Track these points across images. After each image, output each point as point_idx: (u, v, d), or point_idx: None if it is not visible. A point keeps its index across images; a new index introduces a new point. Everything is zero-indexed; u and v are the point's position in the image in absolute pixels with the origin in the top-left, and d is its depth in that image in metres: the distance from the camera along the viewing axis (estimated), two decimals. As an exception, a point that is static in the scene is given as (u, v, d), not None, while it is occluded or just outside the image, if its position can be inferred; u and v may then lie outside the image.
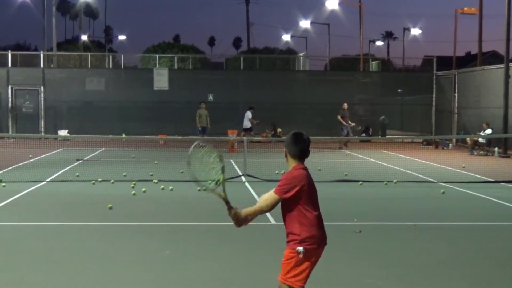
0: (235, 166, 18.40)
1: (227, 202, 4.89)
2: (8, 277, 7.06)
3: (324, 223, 4.96)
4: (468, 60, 57.77)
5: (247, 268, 7.57)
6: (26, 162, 19.52)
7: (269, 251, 8.09)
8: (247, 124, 27.83)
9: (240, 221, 4.91)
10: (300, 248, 4.81)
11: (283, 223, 5.06)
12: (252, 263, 7.79)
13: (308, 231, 4.87)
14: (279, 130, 29.48)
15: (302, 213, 4.89)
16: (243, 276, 7.24)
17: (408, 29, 70.18)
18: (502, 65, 23.78)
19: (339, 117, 27.18)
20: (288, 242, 4.89)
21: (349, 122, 27.20)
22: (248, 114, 27.80)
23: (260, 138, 27.42)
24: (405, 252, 8.43)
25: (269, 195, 4.92)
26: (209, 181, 5.04)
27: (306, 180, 4.91)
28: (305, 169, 5.01)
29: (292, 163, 5.04)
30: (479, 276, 7.32)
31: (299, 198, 4.86)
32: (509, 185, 15.19)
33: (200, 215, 10.99)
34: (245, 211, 4.91)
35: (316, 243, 4.88)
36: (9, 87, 31.08)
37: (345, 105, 27.48)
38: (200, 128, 26.42)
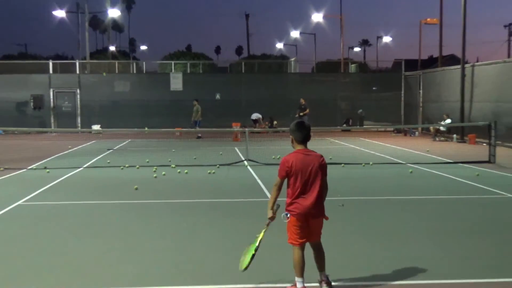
0: (239, 153, 18.42)
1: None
2: (54, 246, 7.11)
3: (313, 198, 5.05)
4: (431, 62, 57.60)
5: (248, 236, 7.57)
6: (66, 152, 19.56)
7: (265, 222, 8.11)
8: (254, 117, 29.11)
9: (273, 216, 5.29)
10: (284, 214, 5.21)
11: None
12: (251, 232, 7.79)
13: (292, 201, 5.17)
14: (275, 122, 29.58)
15: (291, 188, 5.20)
16: (245, 242, 7.25)
17: (381, 37, 70.37)
18: (459, 66, 23.79)
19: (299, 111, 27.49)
20: None
21: (300, 114, 27.06)
22: (258, 115, 29.23)
23: (259, 129, 27.48)
24: (382, 222, 8.45)
25: (275, 181, 5.27)
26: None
27: (297, 162, 5.09)
28: (305, 151, 5.21)
29: (296, 147, 5.26)
30: (445, 240, 7.33)
31: (290, 176, 5.10)
32: (465, 165, 15.20)
33: (211, 194, 11.00)
34: (269, 208, 5.29)
35: (297, 212, 5.12)
36: (51, 90, 31.19)
37: (301, 100, 27.73)
38: (198, 121, 26.38)
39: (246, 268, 5.23)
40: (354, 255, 6.62)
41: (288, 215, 5.15)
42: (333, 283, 5.31)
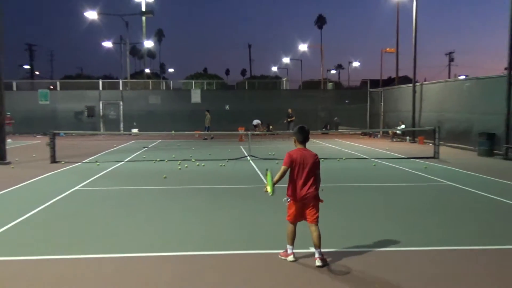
0: (243, 150, 18.41)
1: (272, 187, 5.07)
2: (103, 220, 7.11)
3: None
4: (389, 82, 57.52)
5: (252, 212, 7.58)
6: (112, 149, 19.56)
7: (265, 202, 8.11)
8: (255, 123, 28.96)
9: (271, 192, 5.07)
10: (285, 198, 5.13)
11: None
12: (255, 209, 7.80)
13: (291, 189, 5.01)
14: (271, 127, 29.55)
15: (291, 178, 5.09)
16: (250, 216, 7.26)
17: (351, 62, 70.22)
18: (411, 85, 23.78)
19: (287, 118, 27.99)
20: None
21: (288, 120, 27.59)
22: (258, 121, 28.96)
23: (259, 132, 27.46)
24: (353, 202, 8.43)
25: (281, 168, 5.11)
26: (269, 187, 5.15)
27: (297, 157, 5.06)
28: (304, 149, 5.11)
29: (297, 146, 5.17)
30: (401, 216, 7.34)
31: (292, 168, 5.01)
32: (416, 160, 15.19)
33: (222, 181, 10.99)
34: (272, 184, 5.07)
35: (294, 197, 5.04)
36: (100, 102, 31.21)
37: (289, 110, 28.18)
38: (208, 127, 26.38)
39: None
40: (334, 228, 6.59)
41: (289, 199, 5.08)
42: (322, 250, 5.13)
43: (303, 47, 50.59)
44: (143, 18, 36.97)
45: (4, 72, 14.69)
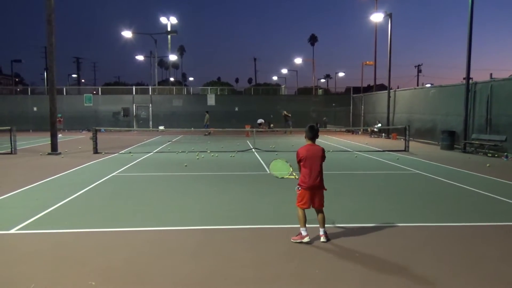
0: (249, 143, 18.36)
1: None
2: (135, 200, 7.08)
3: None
4: (369, 89, 56.74)
5: (257, 195, 7.53)
6: (143, 143, 19.57)
7: (267, 186, 8.07)
8: (259, 122, 28.84)
9: None
10: (297, 187, 4.93)
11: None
12: (259, 193, 7.76)
13: (302, 179, 4.88)
14: (271, 125, 29.48)
15: (302, 170, 4.91)
16: (254, 197, 7.22)
17: (338, 72, 69.73)
18: (386, 91, 23.60)
19: (284, 114, 27.91)
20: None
21: (286, 119, 27.55)
22: (261, 120, 28.90)
23: (262, 129, 27.42)
24: (341, 186, 8.35)
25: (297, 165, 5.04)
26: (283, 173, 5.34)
27: (305, 152, 4.88)
28: (311, 145, 4.94)
29: (307, 142, 5.00)
30: (379, 198, 7.27)
31: (301, 162, 4.89)
32: (390, 152, 15.08)
33: (232, 169, 10.94)
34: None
35: (305, 186, 4.86)
36: (134, 104, 31.24)
37: (284, 112, 28.21)
38: (207, 124, 26.27)
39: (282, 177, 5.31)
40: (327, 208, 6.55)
41: (299, 188, 4.91)
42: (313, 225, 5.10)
43: (298, 60, 50.17)
44: (169, 36, 36.86)
45: (57, 79, 14.68)
